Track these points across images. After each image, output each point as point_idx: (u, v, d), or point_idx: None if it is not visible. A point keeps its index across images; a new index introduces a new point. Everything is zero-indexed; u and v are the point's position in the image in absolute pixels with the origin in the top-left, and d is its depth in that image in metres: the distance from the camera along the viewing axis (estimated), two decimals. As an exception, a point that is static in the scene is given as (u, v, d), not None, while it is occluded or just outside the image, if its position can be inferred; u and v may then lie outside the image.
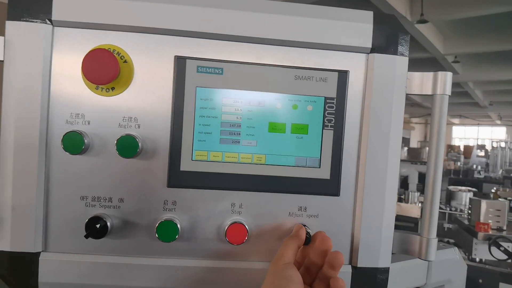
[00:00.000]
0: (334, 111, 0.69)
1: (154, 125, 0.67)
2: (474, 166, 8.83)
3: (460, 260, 1.21)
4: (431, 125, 0.72)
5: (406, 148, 10.51)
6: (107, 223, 0.64)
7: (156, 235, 0.65)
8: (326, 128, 0.69)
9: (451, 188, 5.06)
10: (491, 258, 2.98)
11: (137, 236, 0.67)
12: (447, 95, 0.71)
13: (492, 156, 9.69)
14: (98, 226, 0.63)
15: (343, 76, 0.69)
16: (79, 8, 0.64)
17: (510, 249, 2.83)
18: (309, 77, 0.69)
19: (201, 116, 0.67)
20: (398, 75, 0.70)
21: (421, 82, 0.73)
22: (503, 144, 10.29)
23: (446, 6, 6.43)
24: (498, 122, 21.10)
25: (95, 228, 0.63)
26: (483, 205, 3.41)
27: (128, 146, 0.64)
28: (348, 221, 0.71)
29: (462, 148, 15.14)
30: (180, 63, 0.66)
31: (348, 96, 0.70)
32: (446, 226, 4.23)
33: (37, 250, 0.65)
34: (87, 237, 0.62)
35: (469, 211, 3.64)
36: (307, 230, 0.67)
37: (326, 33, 0.68)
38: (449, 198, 4.95)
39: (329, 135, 0.69)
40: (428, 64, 9.09)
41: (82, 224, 0.63)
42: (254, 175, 0.69)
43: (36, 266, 0.65)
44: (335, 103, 0.69)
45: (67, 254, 0.66)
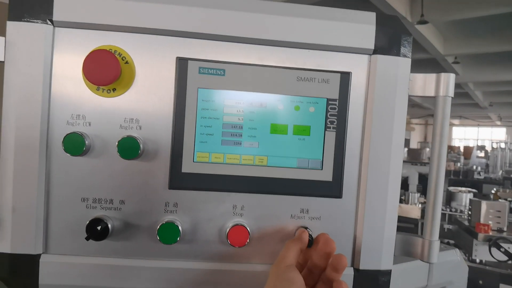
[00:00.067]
0: (336, 113, 0.69)
1: (155, 126, 0.66)
2: (474, 167, 8.83)
3: (461, 261, 1.21)
4: (434, 127, 0.72)
5: (406, 149, 10.52)
6: (108, 225, 0.64)
7: (158, 237, 0.64)
8: (328, 129, 0.69)
9: (451, 189, 5.06)
10: (492, 259, 2.98)
11: (138, 238, 0.67)
12: (450, 96, 0.71)
13: (492, 157, 9.69)
14: (99, 228, 0.63)
15: (345, 77, 0.69)
16: (80, 9, 0.63)
17: (510, 250, 2.83)
18: (311, 78, 0.68)
19: (202, 117, 0.67)
20: (400, 77, 0.69)
21: (423, 84, 0.72)
22: (503, 145, 10.29)
23: (446, 7, 6.43)
24: (498, 123, 21.11)
25: (96, 230, 0.63)
26: (483, 206, 3.41)
27: (129, 148, 0.63)
28: (350, 223, 0.71)
29: (462, 149, 15.14)
30: (182, 64, 0.66)
31: (351, 98, 0.69)
32: (446, 227, 4.23)
33: (37, 252, 0.65)
34: (88, 239, 0.62)
35: (469, 212, 3.64)
36: (309, 233, 0.67)
37: (328, 34, 0.68)
38: (449, 199, 4.96)
39: (331, 136, 0.69)
40: (428, 65, 9.10)
41: (83, 226, 0.63)
42: (255, 177, 0.68)
43: (36, 268, 0.65)
44: (337, 105, 0.69)
45: (67, 256, 0.66)
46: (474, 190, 5.20)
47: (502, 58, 8.80)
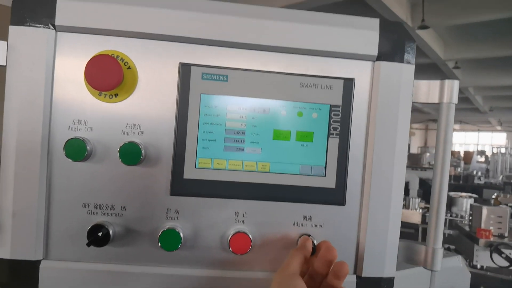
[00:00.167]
0: (339, 119, 0.69)
1: (157, 132, 0.66)
2: (474, 172, 8.82)
3: (463, 268, 1.20)
4: (437, 133, 0.72)
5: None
6: (109, 231, 0.63)
7: (159, 244, 0.64)
8: (331, 136, 0.68)
9: (452, 194, 5.04)
10: (493, 265, 2.96)
11: (139, 245, 0.67)
12: (453, 103, 0.71)
13: (492, 162, 9.69)
14: (100, 234, 0.62)
15: (348, 83, 0.69)
16: (82, 13, 0.63)
17: None
18: (314, 84, 0.68)
19: (205, 123, 0.66)
20: (404, 83, 0.69)
21: (427, 90, 0.72)
22: (503, 150, 10.29)
23: (447, 12, 6.45)
24: (499, 128, 21.11)
25: (97, 236, 0.62)
26: (484, 211, 3.40)
27: (131, 153, 0.63)
28: (353, 230, 0.70)
29: (462, 153, 15.13)
30: (184, 70, 0.65)
31: (354, 104, 0.69)
32: (447, 232, 4.22)
33: (37, 258, 0.64)
34: (89, 245, 0.62)
35: (470, 217, 3.62)
36: (312, 240, 0.66)
37: (331, 40, 0.67)
38: (449, 204, 4.94)
39: (334, 143, 0.69)
40: (429, 70, 9.11)
41: (84, 232, 0.63)
42: (258, 183, 0.68)
43: (36, 274, 0.64)
44: (340, 111, 0.69)
45: (68, 262, 0.65)
46: (474, 195, 5.18)
47: (503, 63, 8.82)
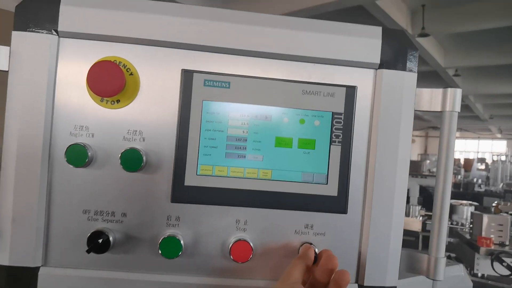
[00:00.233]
0: (341, 127, 0.68)
1: (159, 138, 0.66)
2: (475, 180, 8.81)
3: (465, 277, 1.19)
4: (440, 142, 0.71)
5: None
6: (109, 238, 0.62)
7: (159, 251, 0.63)
8: (333, 143, 0.68)
9: (452, 202, 5.03)
10: (494, 274, 2.94)
11: (139, 252, 0.66)
12: (456, 112, 0.71)
13: (492, 169, 9.67)
14: (100, 241, 0.62)
15: (350, 91, 0.69)
16: (85, 19, 0.63)
17: (513, 264, 2.80)
18: (316, 92, 0.68)
19: (207, 129, 0.66)
20: (406, 91, 0.69)
21: (430, 98, 0.72)
22: (503, 158, 10.28)
23: (447, 19, 6.48)
24: (499, 136, 21.11)
25: (97, 243, 0.62)
26: (485, 219, 3.38)
27: (132, 160, 0.63)
28: (355, 239, 0.70)
29: (462, 161, 15.12)
30: (187, 76, 0.65)
31: (356, 112, 0.69)
32: (448, 240, 4.19)
33: (36, 264, 0.64)
34: (89, 252, 0.61)
35: (470, 225, 3.60)
36: (314, 249, 0.65)
37: (334, 48, 0.67)
38: (450, 212, 4.91)
39: (336, 150, 0.68)
40: (429, 78, 9.13)
41: (84, 238, 0.62)
42: (259, 190, 0.67)
43: (35, 281, 0.63)
44: (342, 119, 0.68)
45: (67, 269, 0.65)
46: (475, 203, 5.17)
47: (503, 71, 8.84)
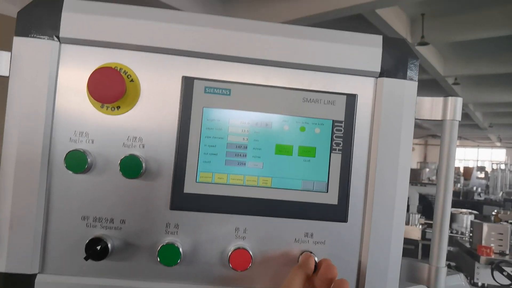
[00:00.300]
0: (342, 135, 0.68)
1: (159, 145, 0.65)
2: (474, 188, 8.79)
3: (466, 286, 1.18)
4: (441, 150, 0.71)
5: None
6: (107, 245, 0.62)
7: (158, 259, 0.63)
8: (334, 151, 0.68)
9: (452, 210, 5.01)
10: (494, 283, 2.92)
11: (138, 259, 0.65)
12: (457, 120, 0.71)
13: (492, 178, 9.66)
14: (98, 248, 0.61)
15: (351, 99, 0.69)
16: (87, 26, 0.63)
17: (513, 274, 2.78)
18: (317, 99, 0.68)
19: (207, 136, 0.66)
20: (407, 100, 0.69)
21: (430, 107, 0.72)
22: (503, 166, 10.26)
23: (446, 28, 6.52)
24: (498, 144, 21.13)
25: (95, 250, 0.61)
26: (485, 228, 3.37)
27: (131, 167, 0.62)
28: (356, 248, 0.69)
29: (462, 169, 15.10)
30: (187, 83, 0.65)
31: (357, 120, 0.69)
32: (447, 248, 4.16)
33: (33, 271, 0.63)
34: (87, 259, 0.61)
35: (470, 234, 3.59)
36: (314, 258, 0.65)
37: (334, 56, 0.68)
38: (450, 220, 4.90)
39: (337, 158, 0.68)
40: (428, 86, 9.16)
41: (82, 245, 0.62)
42: (259, 198, 0.67)
43: None
44: (343, 127, 0.68)
45: (65, 277, 0.64)
46: (475, 212, 5.15)
47: (502, 80, 8.88)
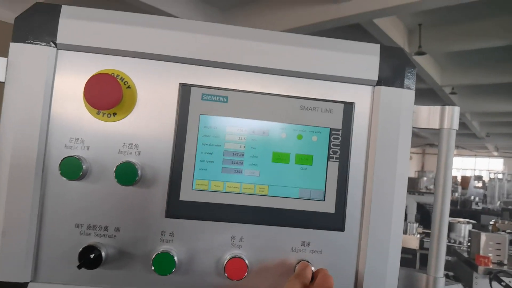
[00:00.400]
0: (339, 143, 0.68)
1: (155, 152, 0.65)
2: (472, 197, 8.78)
3: (464, 297, 1.17)
4: (438, 159, 0.71)
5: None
6: (101, 253, 0.61)
7: (152, 268, 0.62)
8: (331, 159, 0.68)
9: (450, 219, 5.00)
10: (492, 294, 2.90)
11: (132, 268, 0.64)
12: (454, 129, 0.70)
13: (490, 187, 9.66)
14: (92, 256, 0.60)
15: (348, 107, 0.68)
16: (84, 32, 0.63)
17: (511, 284, 2.77)
18: (314, 107, 0.68)
19: (203, 144, 0.65)
20: (404, 108, 0.69)
21: (428, 116, 0.72)
22: (500, 176, 10.28)
23: (443, 38, 6.57)
24: (495, 154, 21.18)
25: (89, 258, 0.60)
26: (483, 237, 3.36)
27: (127, 174, 0.62)
28: (353, 257, 0.69)
29: (459, 178, 15.11)
30: (184, 90, 0.65)
31: (354, 128, 0.69)
32: (445, 258, 4.14)
33: (25, 280, 0.62)
34: (80, 267, 0.60)
35: (468, 244, 3.58)
36: (311, 267, 0.64)
37: (332, 64, 0.68)
38: (447, 230, 4.89)
39: (334, 167, 0.68)
40: (425, 95, 9.20)
41: (75, 253, 0.61)
42: (256, 206, 0.66)
43: None
44: (340, 135, 0.68)
45: (57, 285, 0.63)
46: (473, 221, 5.14)
47: (499, 90, 8.93)
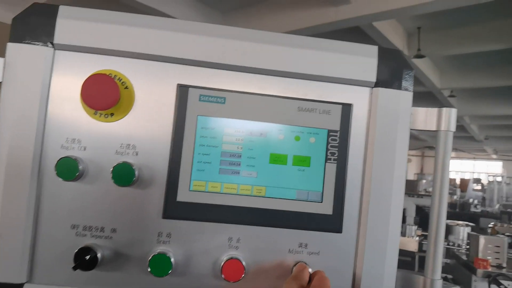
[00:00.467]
0: (337, 144, 0.68)
1: (152, 153, 0.65)
2: (471, 200, 8.78)
3: (462, 300, 1.17)
4: (435, 161, 0.71)
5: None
6: (97, 255, 0.61)
7: (149, 269, 0.61)
8: (329, 161, 0.67)
9: (449, 222, 5.00)
10: (491, 297, 2.90)
11: (128, 269, 0.64)
12: (451, 131, 0.70)
13: (488, 190, 9.67)
14: (87, 258, 0.60)
15: (346, 109, 0.68)
16: (82, 32, 0.63)
17: (510, 287, 2.77)
18: (312, 109, 0.68)
19: (201, 145, 0.65)
20: (402, 110, 0.69)
21: (425, 118, 0.72)
22: (499, 179, 10.29)
23: (442, 42, 6.58)
24: (494, 157, 21.20)
25: (85, 260, 0.60)
26: (482, 240, 3.36)
27: (124, 174, 0.61)
28: (350, 259, 0.68)
29: (458, 181, 15.11)
30: (182, 91, 0.65)
31: (352, 130, 0.68)
32: (444, 261, 4.15)
33: (21, 281, 0.62)
34: (75, 268, 0.59)
35: (467, 247, 3.57)
36: (308, 269, 0.64)
37: (330, 66, 0.68)
38: (446, 232, 4.87)
39: (332, 168, 0.67)
40: (424, 98, 9.21)
41: (71, 254, 0.60)
42: (253, 208, 0.66)
43: None
44: (338, 136, 0.68)
45: (53, 286, 0.63)
46: (472, 224, 5.14)
47: (498, 93, 8.94)
